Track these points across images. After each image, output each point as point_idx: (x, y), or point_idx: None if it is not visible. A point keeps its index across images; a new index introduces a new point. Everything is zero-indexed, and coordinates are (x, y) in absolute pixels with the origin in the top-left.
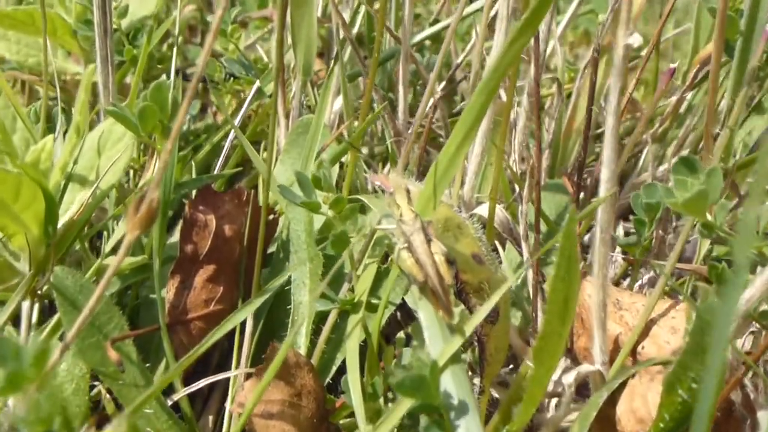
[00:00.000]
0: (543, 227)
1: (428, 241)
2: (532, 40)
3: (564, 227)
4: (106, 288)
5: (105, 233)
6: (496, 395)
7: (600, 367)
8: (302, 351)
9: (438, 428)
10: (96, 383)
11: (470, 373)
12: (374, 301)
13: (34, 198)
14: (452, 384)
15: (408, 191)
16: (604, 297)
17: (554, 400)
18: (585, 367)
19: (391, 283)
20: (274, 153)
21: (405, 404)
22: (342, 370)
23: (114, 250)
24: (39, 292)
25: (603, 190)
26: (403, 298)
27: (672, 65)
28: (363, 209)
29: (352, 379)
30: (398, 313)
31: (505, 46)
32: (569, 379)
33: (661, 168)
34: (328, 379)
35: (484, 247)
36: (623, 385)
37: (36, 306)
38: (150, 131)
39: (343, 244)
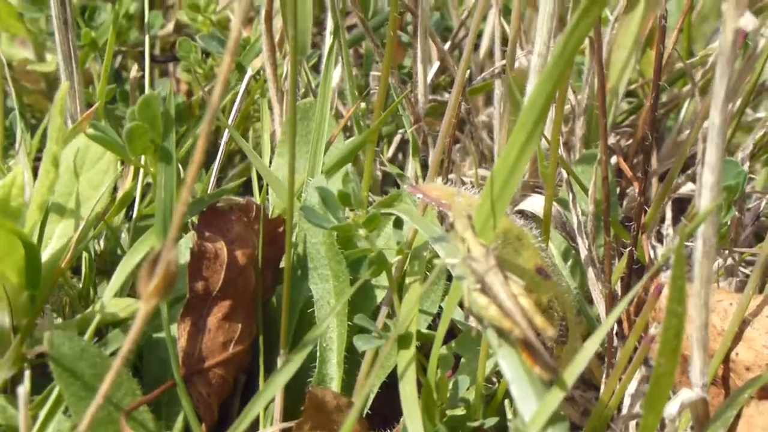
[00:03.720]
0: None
1: (506, 279)
2: None
3: (675, 251)
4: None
5: (85, 255)
6: None
7: (704, 394)
8: (335, 386)
9: None
10: None
11: None
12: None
13: (10, 248)
14: None
15: (470, 218)
16: (707, 318)
17: None
18: (687, 395)
19: (448, 314)
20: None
21: None
22: (379, 396)
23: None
24: (29, 357)
25: (706, 198)
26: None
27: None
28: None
29: None
30: None
31: (570, 29)
32: (672, 410)
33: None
34: (367, 410)
35: (546, 255)
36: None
37: (27, 373)
38: (140, 154)
39: (383, 267)
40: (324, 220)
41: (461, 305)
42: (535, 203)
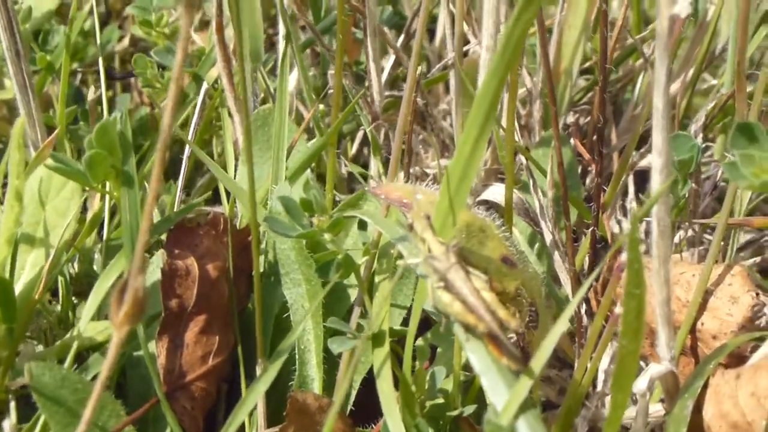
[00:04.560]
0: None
1: (467, 275)
2: None
3: (629, 235)
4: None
5: (60, 280)
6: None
7: (672, 367)
8: (316, 387)
9: None
10: None
11: None
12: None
13: None
14: None
15: (429, 218)
16: (668, 293)
17: None
18: (656, 369)
19: (418, 309)
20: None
21: None
22: (361, 392)
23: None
24: (12, 388)
25: (656, 181)
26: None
27: None
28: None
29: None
30: None
31: (512, 22)
32: (641, 386)
33: None
34: (350, 407)
35: (510, 244)
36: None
37: (12, 405)
38: (102, 180)
39: (351, 269)
40: (289, 229)
41: None
42: (496, 192)
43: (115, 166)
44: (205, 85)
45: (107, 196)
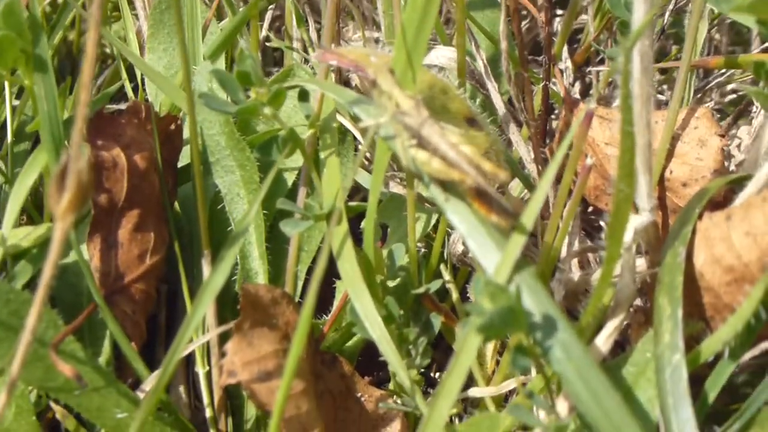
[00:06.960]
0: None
1: (442, 129)
2: None
3: (621, 69)
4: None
5: None
6: None
7: (653, 217)
8: (261, 280)
9: (527, 355)
10: None
11: None
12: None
13: None
14: (528, 296)
15: (393, 73)
16: (650, 138)
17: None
18: (638, 220)
19: (378, 181)
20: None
21: (473, 343)
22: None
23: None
24: None
25: (640, 11)
26: None
27: None
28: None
29: (369, 316)
30: None
31: None
32: (626, 239)
33: None
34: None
35: (473, 105)
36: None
37: None
38: (11, 67)
39: (297, 145)
40: (226, 105)
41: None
42: (440, 55)
43: (25, 50)
44: None
45: (8, 95)
